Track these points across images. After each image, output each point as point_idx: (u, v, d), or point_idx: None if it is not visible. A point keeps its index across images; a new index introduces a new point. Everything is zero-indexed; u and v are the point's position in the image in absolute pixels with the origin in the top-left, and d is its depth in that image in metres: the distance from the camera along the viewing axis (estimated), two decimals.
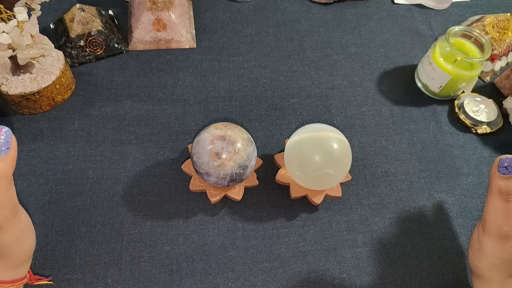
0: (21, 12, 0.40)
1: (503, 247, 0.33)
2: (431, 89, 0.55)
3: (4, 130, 0.27)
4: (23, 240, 0.32)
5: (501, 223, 0.33)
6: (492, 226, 0.34)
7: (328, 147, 0.41)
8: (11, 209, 0.30)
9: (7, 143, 0.26)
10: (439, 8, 0.67)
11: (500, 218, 0.33)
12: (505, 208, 0.33)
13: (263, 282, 0.41)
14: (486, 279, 0.35)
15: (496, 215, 0.33)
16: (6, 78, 0.47)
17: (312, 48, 0.60)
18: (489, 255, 0.34)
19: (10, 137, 0.27)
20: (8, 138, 0.27)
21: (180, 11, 0.58)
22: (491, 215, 0.34)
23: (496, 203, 0.33)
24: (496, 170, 0.33)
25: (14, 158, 0.27)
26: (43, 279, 0.38)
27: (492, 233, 0.34)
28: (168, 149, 0.49)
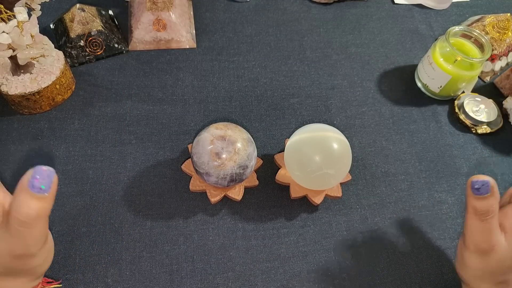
0: (21, 12, 0.40)
1: (483, 262, 0.34)
2: (431, 89, 0.55)
3: (49, 171, 0.27)
4: (48, 259, 0.33)
5: (479, 241, 0.34)
6: (470, 243, 0.34)
7: (328, 147, 0.41)
8: (45, 239, 0.30)
9: (50, 182, 0.27)
10: (439, 8, 0.67)
11: (477, 236, 0.34)
12: (482, 227, 0.33)
13: (263, 282, 0.41)
14: (472, 287, 0.36)
15: (473, 233, 0.34)
16: (6, 78, 0.47)
17: (312, 48, 0.60)
18: (471, 268, 0.35)
19: (53, 177, 0.27)
20: (51, 178, 0.27)
21: (180, 11, 0.58)
22: (469, 233, 0.34)
23: (473, 222, 0.34)
24: (470, 191, 0.33)
25: (53, 197, 0.28)
26: (54, 283, 0.39)
27: (471, 249, 0.35)
28: (168, 149, 0.49)
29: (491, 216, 0.33)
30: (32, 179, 0.26)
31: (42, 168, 0.26)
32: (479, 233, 0.33)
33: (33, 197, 0.26)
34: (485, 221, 0.33)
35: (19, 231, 0.27)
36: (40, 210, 0.27)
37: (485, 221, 0.33)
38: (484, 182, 0.32)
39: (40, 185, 0.26)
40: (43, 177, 0.26)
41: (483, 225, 0.33)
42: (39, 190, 0.26)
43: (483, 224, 0.33)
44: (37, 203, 0.26)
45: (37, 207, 0.26)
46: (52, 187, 0.27)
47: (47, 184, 0.26)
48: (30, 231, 0.27)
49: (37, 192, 0.26)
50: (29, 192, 0.26)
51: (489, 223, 0.33)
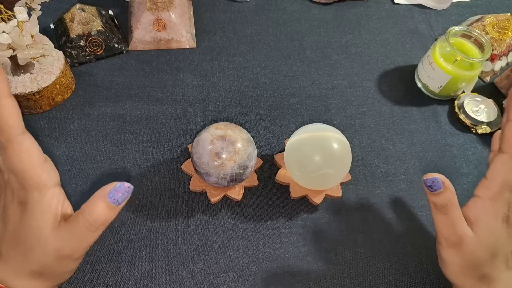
0: (21, 12, 0.40)
1: (458, 255, 0.35)
2: (431, 89, 0.55)
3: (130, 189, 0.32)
4: (75, 268, 0.35)
5: (447, 234, 0.35)
6: (441, 237, 0.36)
7: (328, 147, 0.41)
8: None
9: (125, 198, 0.31)
10: (439, 8, 0.67)
11: (445, 230, 0.35)
12: (446, 219, 0.35)
13: (263, 282, 0.41)
14: (458, 285, 0.37)
15: (441, 227, 0.36)
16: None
17: (312, 48, 0.60)
18: (450, 264, 0.36)
19: (130, 194, 0.32)
20: (129, 194, 0.32)
21: (180, 11, 0.58)
22: (438, 228, 0.36)
23: (438, 217, 0.36)
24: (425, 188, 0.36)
25: (120, 209, 0.32)
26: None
27: (443, 244, 0.36)
28: (168, 149, 0.49)
29: (451, 209, 0.35)
30: (114, 191, 0.31)
31: (125, 185, 0.31)
32: (445, 226, 0.35)
33: (107, 206, 0.30)
34: (446, 214, 0.35)
35: (83, 232, 0.30)
36: (108, 219, 0.31)
37: (446, 213, 0.35)
38: (434, 178, 0.35)
39: (118, 199, 0.31)
40: (123, 192, 0.31)
41: (446, 218, 0.35)
42: (114, 201, 0.31)
43: (446, 217, 0.35)
44: (109, 211, 0.31)
45: (107, 215, 0.31)
46: (124, 202, 0.31)
47: (123, 199, 0.31)
48: (92, 235, 0.31)
49: (112, 203, 0.31)
50: (106, 200, 0.30)
51: (451, 215, 0.35)
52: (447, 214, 0.35)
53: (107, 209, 0.31)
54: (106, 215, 0.31)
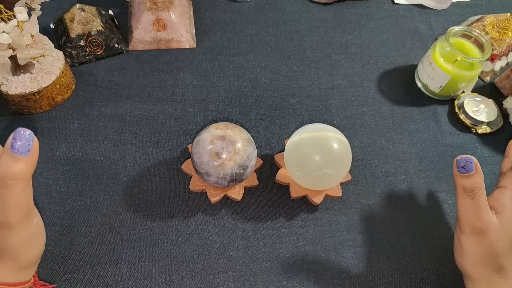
0: (21, 12, 0.40)
1: (480, 243, 0.35)
2: (431, 89, 0.55)
3: (26, 133, 0.28)
4: (32, 243, 0.33)
5: (472, 220, 0.35)
6: (464, 224, 0.36)
7: (328, 147, 0.41)
8: (25, 211, 0.31)
9: (29, 145, 0.28)
10: (439, 8, 0.67)
11: (470, 215, 0.35)
12: (472, 204, 0.35)
13: (263, 282, 0.41)
14: (473, 277, 0.36)
15: (466, 213, 0.35)
16: (6, 78, 0.47)
17: (312, 48, 0.60)
18: (469, 252, 0.36)
19: (32, 140, 0.28)
20: (29, 141, 0.28)
21: (180, 11, 0.58)
22: (461, 214, 0.36)
23: (464, 201, 0.35)
24: (456, 170, 0.36)
25: (34, 161, 0.29)
26: (47, 286, 0.38)
27: (466, 231, 0.36)
28: (168, 149, 0.49)
29: (479, 193, 0.35)
30: (12, 140, 0.27)
31: (21, 130, 0.28)
32: (470, 211, 0.35)
33: (12, 158, 0.27)
34: (474, 198, 0.35)
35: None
36: (19, 171, 0.28)
37: (474, 198, 0.35)
38: (468, 159, 0.35)
39: (19, 147, 0.27)
40: (20, 139, 0.28)
41: (473, 202, 0.35)
42: (18, 151, 0.27)
43: (473, 202, 0.35)
44: (16, 164, 0.28)
45: (16, 168, 0.28)
46: (32, 151, 0.28)
47: (25, 147, 0.28)
48: (7, 193, 0.28)
49: (16, 153, 0.27)
50: (9, 153, 0.27)
51: (478, 200, 0.35)
52: (475, 198, 0.35)
53: (13, 161, 0.27)
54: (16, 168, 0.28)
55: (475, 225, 0.35)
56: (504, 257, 0.35)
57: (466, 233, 0.36)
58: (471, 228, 0.35)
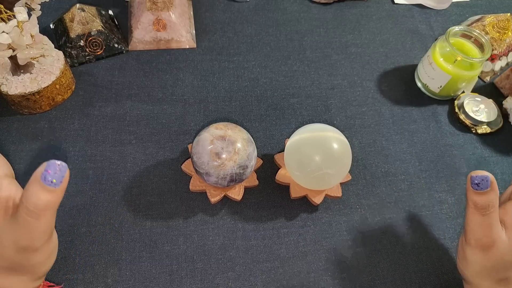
0: (21, 12, 0.40)
1: (485, 256, 0.34)
2: (431, 89, 0.55)
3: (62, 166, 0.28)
4: (51, 258, 0.33)
5: (480, 236, 0.34)
6: (471, 238, 0.35)
7: (328, 147, 0.41)
8: (50, 234, 0.31)
9: (62, 177, 0.28)
10: (439, 8, 0.67)
11: (478, 231, 0.34)
12: (482, 221, 0.33)
13: (263, 282, 0.41)
14: (474, 285, 0.36)
15: (474, 228, 0.34)
16: (6, 78, 0.47)
17: (312, 48, 0.60)
18: (473, 263, 0.35)
19: (65, 172, 0.28)
20: (63, 173, 0.28)
21: (180, 11, 0.58)
22: (470, 228, 0.35)
23: (474, 217, 0.34)
24: (469, 186, 0.34)
25: (64, 190, 0.29)
26: (55, 287, 0.39)
27: (472, 244, 0.35)
28: (168, 149, 0.49)
29: (492, 211, 0.33)
30: (45, 171, 0.27)
31: (56, 162, 0.28)
32: (480, 227, 0.34)
33: (43, 189, 0.27)
34: (485, 216, 0.33)
35: (26, 221, 0.28)
36: (49, 202, 0.28)
37: (485, 215, 0.33)
38: (484, 177, 0.33)
39: (52, 179, 0.27)
40: (55, 171, 0.28)
41: (483, 219, 0.33)
42: (50, 183, 0.27)
43: (484, 219, 0.33)
44: (47, 195, 0.28)
45: (46, 199, 0.28)
46: (63, 182, 0.28)
47: (59, 178, 0.28)
48: (37, 222, 0.28)
49: (48, 185, 0.27)
50: (40, 183, 0.27)
51: (490, 218, 0.33)
52: (486, 216, 0.33)
53: (46, 192, 0.28)
54: (46, 199, 0.28)
55: (482, 241, 0.34)
56: (509, 270, 0.34)
57: (472, 246, 0.35)
58: (478, 243, 0.34)
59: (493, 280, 0.35)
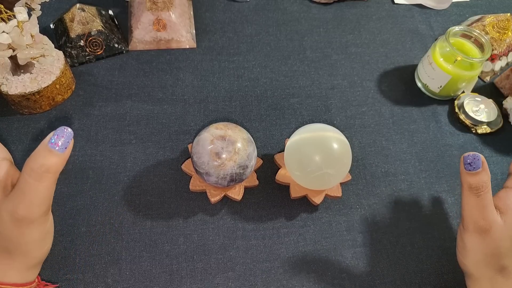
0: (21, 12, 0.40)
1: (483, 241, 0.35)
2: (431, 89, 0.55)
3: (68, 132, 0.31)
4: (45, 240, 0.34)
5: (477, 218, 0.35)
6: (468, 222, 0.36)
7: (328, 147, 0.41)
8: (47, 207, 0.32)
9: (67, 143, 0.31)
10: (439, 8, 0.67)
11: (475, 213, 0.35)
12: (478, 202, 0.35)
13: (263, 282, 0.41)
14: (475, 277, 0.36)
15: (471, 211, 0.35)
16: (6, 78, 0.47)
17: (312, 48, 0.60)
18: (472, 251, 0.36)
19: (71, 139, 0.31)
20: (69, 139, 0.31)
21: (180, 11, 0.58)
22: (466, 212, 0.36)
23: (469, 199, 0.35)
24: (463, 167, 0.35)
25: (67, 158, 0.31)
26: (50, 286, 0.38)
27: (470, 229, 0.35)
28: (168, 149, 0.49)
29: (485, 191, 0.35)
30: (53, 136, 0.30)
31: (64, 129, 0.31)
32: (475, 209, 0.35)
33: (50, 152, 0.30)
34: (480, 197, 0.35)
35: (28, 185, 0.30)
36: (53, 165, 0.30)
37: (480, 196, 0.35)
38: (475, 156, 0.35)
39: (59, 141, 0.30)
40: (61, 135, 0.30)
41: (478, 201, 0.35)
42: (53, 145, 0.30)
43: (479, 200, 0.35)
44: (52, 157, 0.30)
45: (51, 161, 0.30)
46: (68, 148, 0.31)
47: (64, 144, 0.30)
48: (38, 185, 0.30)
49: (51, 147, 0.30)
50: (47, 147, 0.30)
51: (484, 199, 0.35)
52: (480, 197, 0.35)
53: (51, 155, 0.30)
54: (51, 161, 0.30)
55: (479, 224, 0.35)
56: (507, 257, 0.35)
57: (470, 232, 0.35)
58: (475, 227, 0.35)
59: (493, 270, 0.35)
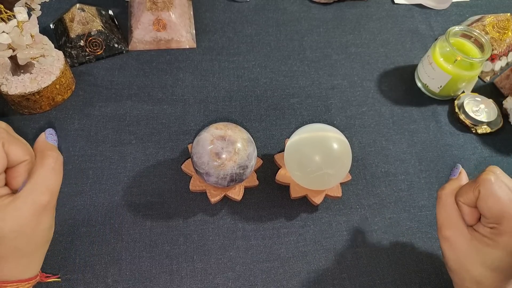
0: (21, 12, 0.40)
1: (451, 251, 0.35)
2: (431, 89, 0.55)
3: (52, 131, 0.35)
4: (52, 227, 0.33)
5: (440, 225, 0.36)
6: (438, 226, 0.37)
7: (328, 147, 0.41)
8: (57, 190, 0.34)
9: (55, 141, 0.35)
10: (439, 8, 0.67)
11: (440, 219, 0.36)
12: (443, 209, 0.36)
13: (263, 282, 0.41)
14: (456, 284, 0.36)
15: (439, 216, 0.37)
16: (6, 78, 0.47)
17: (312, 48, 0.60)
18: (445, 257, 0.36)
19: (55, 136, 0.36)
20: (55, 136, 0.35)
21: (180, 11, 0.58)
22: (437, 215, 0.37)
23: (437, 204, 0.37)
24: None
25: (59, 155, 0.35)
26: (51, 277, 0.38)
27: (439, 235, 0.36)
28: (168, 149, 0.49)
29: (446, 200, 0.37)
30: (47, 133, 0.34)
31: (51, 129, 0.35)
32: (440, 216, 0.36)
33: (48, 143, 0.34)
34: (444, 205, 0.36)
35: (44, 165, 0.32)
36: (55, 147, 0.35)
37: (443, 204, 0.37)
38: (458, 166, 0.38)
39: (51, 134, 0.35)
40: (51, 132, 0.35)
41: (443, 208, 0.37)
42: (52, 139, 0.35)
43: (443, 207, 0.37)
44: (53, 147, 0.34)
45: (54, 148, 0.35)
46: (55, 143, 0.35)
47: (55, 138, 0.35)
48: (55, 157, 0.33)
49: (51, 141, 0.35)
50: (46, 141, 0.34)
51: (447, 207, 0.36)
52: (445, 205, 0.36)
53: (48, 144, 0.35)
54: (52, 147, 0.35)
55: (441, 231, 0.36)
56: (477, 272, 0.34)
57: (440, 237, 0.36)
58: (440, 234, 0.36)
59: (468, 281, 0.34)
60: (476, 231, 0.34)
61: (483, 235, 0.33)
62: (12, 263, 0.32)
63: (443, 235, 0.35)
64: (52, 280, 0.39)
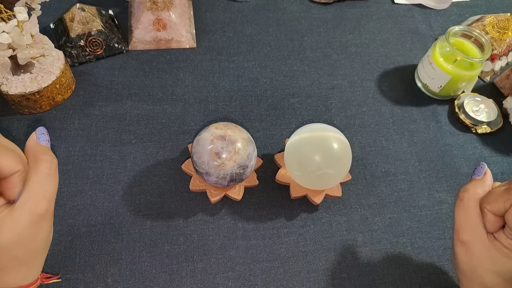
0: (21, 11, 0.40)
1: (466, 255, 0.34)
2: (431, 89, 0.55)
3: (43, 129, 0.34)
4: (51, 233, 0.33)
5: (459, 228, 0.34)
6: (455, 230, 0.35)
7: (328, 147, 0.41)
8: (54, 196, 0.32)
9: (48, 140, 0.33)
10: (439, 8, 0.67)
11: (458, 223, 0.35)
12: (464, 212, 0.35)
13: (263, 282, 0.41)
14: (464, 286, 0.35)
15: (458, 220, 0.35)
16: (6, 78, 0.47)
17: (312, 48, 0.60)
18: (458, 260, 0.35)
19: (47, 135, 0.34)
20: (47, 136, 0.33)
21: (180, 11, 0.58)
22: (455, 219, 0.35)
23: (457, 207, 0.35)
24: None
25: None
26: (52, 278, 0.38)
27: (455, 238, 0.35)
28: (168, 149, 0.49)
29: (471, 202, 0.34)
30: (38, 134, 0.33)
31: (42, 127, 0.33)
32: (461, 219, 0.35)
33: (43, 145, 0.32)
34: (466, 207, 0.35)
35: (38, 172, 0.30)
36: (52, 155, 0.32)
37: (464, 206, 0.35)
38: (483, 164, 0.36)
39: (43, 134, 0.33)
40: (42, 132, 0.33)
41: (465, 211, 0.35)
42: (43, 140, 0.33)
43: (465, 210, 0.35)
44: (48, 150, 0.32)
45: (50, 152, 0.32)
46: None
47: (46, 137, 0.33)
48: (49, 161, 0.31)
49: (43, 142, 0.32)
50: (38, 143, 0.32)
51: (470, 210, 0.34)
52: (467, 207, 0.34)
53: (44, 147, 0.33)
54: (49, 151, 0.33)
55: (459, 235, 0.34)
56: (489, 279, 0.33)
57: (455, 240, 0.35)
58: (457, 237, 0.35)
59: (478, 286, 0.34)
60: (496, 240, 0.32)
61: (504, 246, 0.32)
62: (12, 273, 0.31)
63: (460, 239, 0.34)
64: (53, 281, 0.39)
